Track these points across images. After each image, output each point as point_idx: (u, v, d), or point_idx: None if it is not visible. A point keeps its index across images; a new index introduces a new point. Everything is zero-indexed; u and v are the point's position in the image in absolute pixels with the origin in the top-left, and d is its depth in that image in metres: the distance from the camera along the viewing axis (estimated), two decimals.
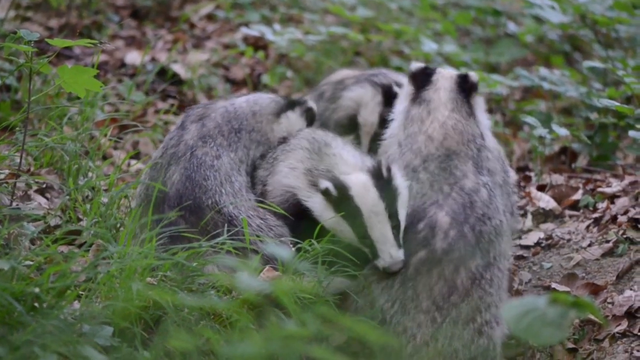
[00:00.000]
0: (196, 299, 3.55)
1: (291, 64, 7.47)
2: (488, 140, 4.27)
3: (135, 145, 5.91)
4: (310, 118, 4.66)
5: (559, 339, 2.69)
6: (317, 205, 4.07)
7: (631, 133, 5.27)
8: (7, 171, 4.50)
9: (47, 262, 3.68)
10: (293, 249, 4.02)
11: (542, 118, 5.95)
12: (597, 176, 5.62)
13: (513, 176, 4.32)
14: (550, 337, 2.63)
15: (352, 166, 4.16)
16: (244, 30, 7.47)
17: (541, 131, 5.49)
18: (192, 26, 7.98)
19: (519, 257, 4.88)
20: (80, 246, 4.14)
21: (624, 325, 4.14)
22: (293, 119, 4.60)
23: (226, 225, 4.03)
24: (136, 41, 7.50)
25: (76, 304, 3.50)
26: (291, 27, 7.68)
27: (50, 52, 4.23)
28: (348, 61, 7.43)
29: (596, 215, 4.97)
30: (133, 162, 5.41)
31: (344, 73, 5.43)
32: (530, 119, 5.58)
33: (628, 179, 5.21)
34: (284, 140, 4.49)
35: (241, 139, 4.41)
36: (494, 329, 3.88)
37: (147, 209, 4.01)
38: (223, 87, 7.08)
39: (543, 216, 5.21)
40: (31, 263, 3.59)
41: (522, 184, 5.69)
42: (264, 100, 4.59)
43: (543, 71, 6.61)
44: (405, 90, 4.44)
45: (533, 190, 5.42)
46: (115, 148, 5.64)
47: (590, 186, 5.35)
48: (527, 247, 4.93)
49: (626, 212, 4.81)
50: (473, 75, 4.38)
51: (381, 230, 3.94)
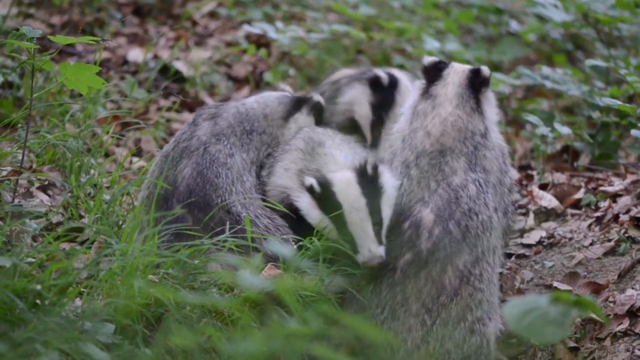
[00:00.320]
0: (198, 297, 3.55)
1: (293, 62, 7.47)
2: (491, 137, 4.22)
3: (137, 142, 5.90)
4: (318, 112, 4.65)
5: (561, 338, 2.68)
6: (305, 204, 4.09)
7: (633, 132, 5.27)
8: (10, 168, 4.50)
9: (49, 259, 3.68)
10: (295, 247, 4.02)
11: (545, 117, 5.94)
12: (599, 175, 5.62)
13: (513, 176, 4.29)
14: (551, 336, 2.62)
15: (342, 165, 4.18)
16: (247, 28, 7.47)
17: (543, 130, 5.49)
18: (195, 24, 7.97)
19: (521, 256, 4.87)
20: (82, 243, 4.14)
21: (626, 324, 4.14)
22: (301, 120, 4.59)
23: (233, 224, 4.02)
24: (138, 38, 7.50)
25: (78, 301, 3.50)
26: (293, 25, 7.68)
27: (52, 49, 4.22)
28: (350, 59, 7.43)
29: (598, 214, 4.96)
30: (135, 160, 5.41)
31: (342, 73, 5.44)
32: (532, 118, 5.58)
33: (630, 178, 5.21)
34: None
35: (252, 141, 4.41)
36: (487, 326, 3.86)
37: (156, 203, 3.99)
38: (225, 85, 7.08)
39: (545, 215, 5.21)
40: (33, 260, 3.59)
41: (524, 183, 5.69)
42: (273, 102, 4.58)
43: (545, 70, 6.60)
44: (416, 84, 4.42)
45: (535, 188, 5.41)
46: (117, 145, 5.64)
47: (592, 185, 5.35)
48: (529, 246, 4.92)
49: (628, 211, 4.81)
50: (485, 69, 4.33)
51: (361, 225, 3.94)
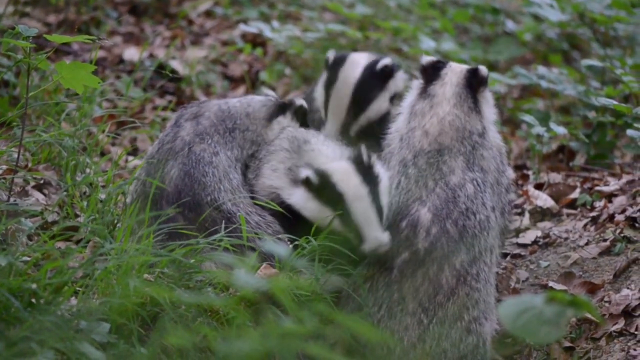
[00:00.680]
0: (193, 296, 3.54)
1: (289, 61, 7.47)
2: (489, 136, 4.22)
3: (133, 141, 5.90)
4: (301, 116, 4.65)
5: (556, 338, 2.69)
6: (299, 198, 4.05)
7: (629, 132, 5.27)
8: (5, 167, 4.49)
9: (45, 258, 3.68)
10: (290, 246, 4.01)
11: (540, 116, 5.94)
12: (595, 175, 5.62)
13: (510, 176, 4.29)
14: (547, 336, 2.63)
15: (331, 159, 4.15)
16: (242, 27, 7.47)
17: (539, 129, 5.49)
18: (191, 23, 7.97)
19: (516, 256, 4.87)
20: (77, 242, 4.14)
21: (621, 324, 4.14)
22: (285, 123, 4.57)
23: (225, 222, 4.03)
24: (134, 37, 7.50)
25: (73, 300, 3.49)
26: (289, 24, 7.69)
27: (48, 48, 4.23)
28: None
29: (594, 213, 4.97)
30: (131, 159, 5.40)
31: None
32: (528, 118, 5.58)
33: (626, 178, 5.21)
34: None
35: (235, 138, 4.40)
36: (483, 325, 3.87)
37: (145, 205, 4.00)
38: (221, 84, 7.08)
39: (540, 214, 5.21)
40: (28, 259, 3.58)
41: (520, 183, 5.69)
42: (256, 104, 4.57)
43: (541, 69, 6.60)
44: (414, 83, 4.42)
45: (531, 188, 5.42)
46: (113, 144, 5.64)
47: (587, 185, 5.35)
48: (525, 246, 4.93)
49: (624, 211, 4.82)
50: (483, 69, 4.31)
51: (365, 214, 3.91)
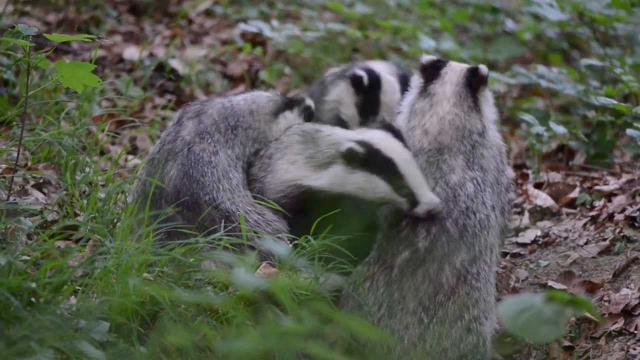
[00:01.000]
0: (193, 295, 3.54)
1: (289, 61, 7.47)
2: (489, 135, 4.22)
3: (132, 140, 5.90)
4: (308, 116, 4.65)
5: (555, 337, 2.69)
6: (335, 176, 4.02)
7: (628, 131, 5.27)
8: (5, 166, 4.49)
9: (44, 257, 3.68)
10: (290, 245, 4.01)
11: (540, 116, 5.95)
12: (595, 174, 5.63)
13: (509, 175, 4.29)
14: (546, 335, 2.62)
15: (354, 136, 4.10)
16: (242, 26, 7.47)
17: (539, 129, 5.49)
18: (190, 22, 7.97)
19: (516, 255, 4.88)
20: (77, 241, 4.13)
21: (620, 323, 4.14)
22: (291, 119, 4.57)
23: (224, 221, 4.03)
24: (134, 36, 7.49)
25: (73, 299, 3.49)
26: (289, 24, 7.69)
27: (48, 47, 4.22)
28: (346, 58, 7.43)
29: (593, 213, 4.97)
30: (130, 158, 5.40)
31: (330, 72, 5.44)
32: (527, 117, 5.58)
33: (625, 177, 5.22)
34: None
35: (237, 136, 4.39)
36: (483, 325, 3.87)
37: (144, 205, 4.00)
38: (221, 83, 7.08)
39: (540, 214, 5.22)
40: (28, 258, 3.58)
41: (520, 182, 5.69)
42: (262, 99, 4.56)
43: (541, 69, 6.60)
44: (414, 82, 4.42)
45: (530, 188, 5.42)
46: (112, 143, 5.64)
47: (587, 184, 5.35)
48: (524, 245, 4.93)
49: (623, 210, 4.82)
50: (483, 68, 4.32)
51: (416, 176, 3.91)
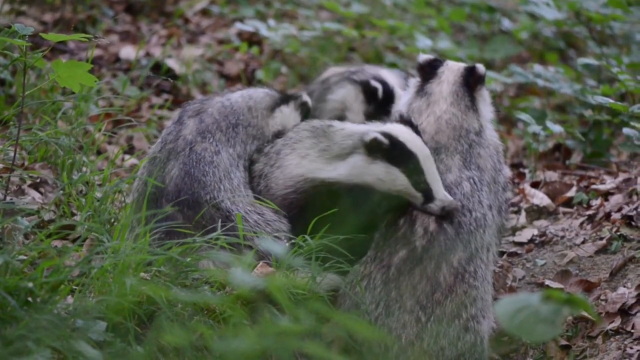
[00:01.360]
0: (190, 295, 3.54)
1: (285, 60, 7.47)
2: (486, 134, 4.23)
3: (129, 140, 5.89)
4: (304, 112, 4.66)
5: (552, 336, 2.69)
6: (355, 166, 4.01)
7: (625, 130, 5.28)
8: (1, 165, 4.48)
9: (41, 257, 3.67)
10: (288, 245, 4.00)
11: (537, 115, 5.95)
12: (591, 173, 5.63)
13: (506, 174, 4.29)
14: (543, 334, 2.63)
15: (367, 130, 4.08)
16: (239, 25, 7.47)
17: (535, 128, 5.50)
18: (187, 21, 7.97)
19: (513, 254, 4.88)
20: (74, 241, 4.13)
21: (617, 322, 4.15)
22: (287, 113, 4.58)
23: (223, 220, 4.03)
24: (131, 36, 7.49)
25: (70, 299, 3.49)
26: (285, 23, 7.69)
27: (44, 47, 4.21)
28: (342, 57, 7.44)
29: (590, 212, 4.97)
30: (127, 157, 5.40)
31: (331, 71, 5.44)
32: (524, 116, 5.59)
33: (622, 176, 5.22)
34: (279, 134, 4.45)
35: (238, 134, 4.40)
36: (481, 323, 3.87)
37: (146, 204, 4.00)
38: (217, 83, 7.08)
39: (537, 213, 5.22)
40: (25, 257, 3.58)
41: (516, 181, 5.70)
42: (259, 94, 4.59)
43: (537, 68, 6.61)
44: (411, 82, 4.42)
45: (527, 187, 5.42)
46: (109, 143, 5.63)
47: (584, 183, 5.36)
48: (521, 244, 4.93)
49: (620, 210, 4.82)
50: (480, 67, 4.33)
51: (434, 172, 3.93)
